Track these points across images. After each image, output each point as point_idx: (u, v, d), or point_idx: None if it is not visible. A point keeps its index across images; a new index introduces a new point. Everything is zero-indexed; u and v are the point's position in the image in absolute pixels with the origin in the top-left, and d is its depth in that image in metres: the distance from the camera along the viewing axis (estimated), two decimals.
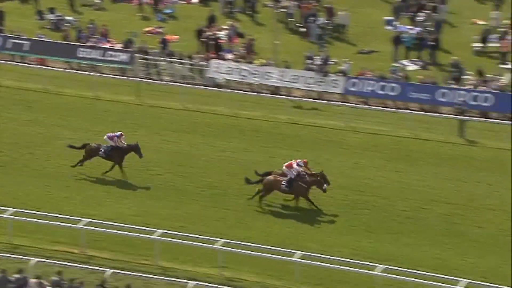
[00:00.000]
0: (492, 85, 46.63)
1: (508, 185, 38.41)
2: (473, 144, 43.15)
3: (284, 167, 36.66)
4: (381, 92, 47.54)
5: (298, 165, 36.40)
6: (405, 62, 50.99)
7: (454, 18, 55.10)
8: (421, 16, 53.53)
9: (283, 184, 36.26)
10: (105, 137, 39.44)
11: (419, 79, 47.90)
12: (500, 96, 45.90)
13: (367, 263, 32.45)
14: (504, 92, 46.19)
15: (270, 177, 36.76)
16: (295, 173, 36.18)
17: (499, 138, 43.13)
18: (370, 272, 31.78)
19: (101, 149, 39.14)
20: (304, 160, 37.10)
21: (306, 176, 36.29)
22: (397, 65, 49.94)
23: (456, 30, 54.09)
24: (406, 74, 48.79)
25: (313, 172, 36.78)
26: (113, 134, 39.45)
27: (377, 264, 32.21)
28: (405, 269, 31.90)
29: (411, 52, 51.59)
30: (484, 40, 51.76)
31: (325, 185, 36.08)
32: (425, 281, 31.32)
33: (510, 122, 44.11)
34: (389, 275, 31.57)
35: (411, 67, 50.56)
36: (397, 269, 31.90)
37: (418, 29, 52.50)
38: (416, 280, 31.40)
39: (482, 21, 53.63)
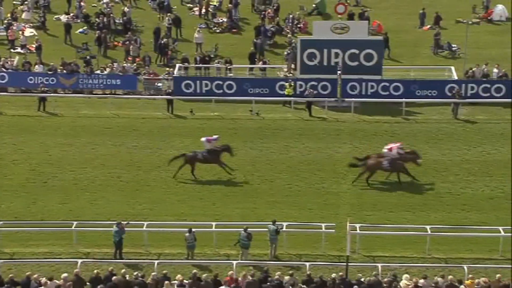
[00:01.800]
0: (7, 66, 45.91)
1: (32, 144, 38.55)
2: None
3: (385, 150, 34.54)
4: None
5: (398, 148, 34.49)
6: None
7: None
8: None
9: (384, 164, 34.21)
10: (204, 139, 34.76)
11: None
12: (13, 74, 45.29)
13: None
14: (17, 71, 45.69)
15: (372, 160, 34.31)
16: (396, 155, 34.24)
17: (19, 107, 42.86)
18: None
19: (198, 154, 34.40)
20: (402, 143, 35.16)
21: (404, 155, 34.54)
22: None
23: None
24: None
25: (408, 151, 34.88)
26: (211, 137, 34.70)
27: None
28: None
29: None
30: None
31: (418, 160, 34.53)
32: None
33: (26, 94, 44.15)
34: None
35: None
36: None
37: None
38: None
39: None
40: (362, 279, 26.36)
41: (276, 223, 29.75)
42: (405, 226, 31.09)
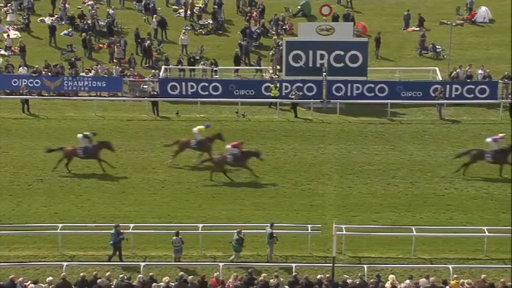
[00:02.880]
0: None
1: (16, 147, 38.38)
2: None
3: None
4: None
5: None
6: None
7: None
8: None
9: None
10: (489, 139, 34.52)
11: None
12: None
13: None
14: (1, 73, 45.46)
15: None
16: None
17: (3, 110, 42.66)
18: None
19: (486, 154, 34.19)
20: None
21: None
22: None
23: None
24: None
25: None
26: (497, 136, 34.26)
27: None
28: None
29: None
30: None
31: None
32: None
33: (10, 96, 43.82)
34: None
35: None
36: None
37: None
38: None
39: None
40: (348, 281, 26.39)
41: (274, 225, 29.69)
42: (390, 227, 31.16)
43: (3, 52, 49.72)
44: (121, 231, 29.21)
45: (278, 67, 46.30)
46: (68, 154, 35.72)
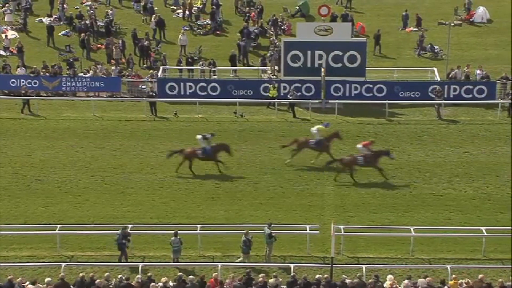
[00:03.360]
0: None
1: (15, 147, 38.38)
2: None
3: None
4: None
5: None
6: None
7: None
8: None
9: None
10: None
11: None
12: None
13: None
14: None
15: None
16: None
17: (1, 110, 42.68)
18: None
19: None
20: None
21: None
22: None
23: None
24: None
25: None
26: None
27: None
28: None
29: None
30: None
31: None
32: None
33: (8, 97, 43.84)
34: None
35: None
36: None
37: None
38: None
39: None
40: (347, 281, 26.43)
41: (272, 225, 29.73)
42: (389, 227, 31.20)
43: (1, 52, 49.69)
44: (129, 232, 29.26)
45: (276, 67, 46.33)
46: (188, 156, 35.74)
